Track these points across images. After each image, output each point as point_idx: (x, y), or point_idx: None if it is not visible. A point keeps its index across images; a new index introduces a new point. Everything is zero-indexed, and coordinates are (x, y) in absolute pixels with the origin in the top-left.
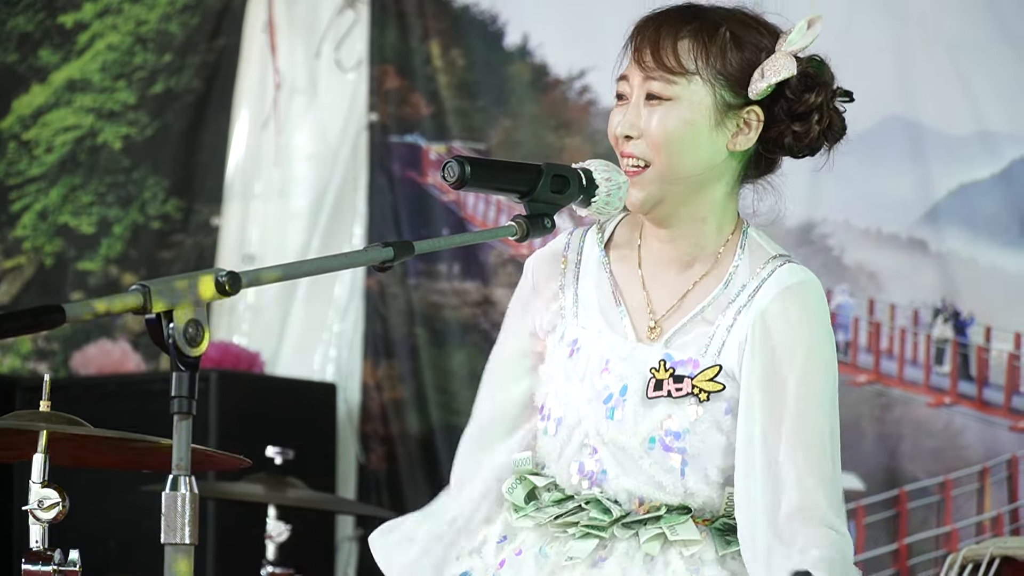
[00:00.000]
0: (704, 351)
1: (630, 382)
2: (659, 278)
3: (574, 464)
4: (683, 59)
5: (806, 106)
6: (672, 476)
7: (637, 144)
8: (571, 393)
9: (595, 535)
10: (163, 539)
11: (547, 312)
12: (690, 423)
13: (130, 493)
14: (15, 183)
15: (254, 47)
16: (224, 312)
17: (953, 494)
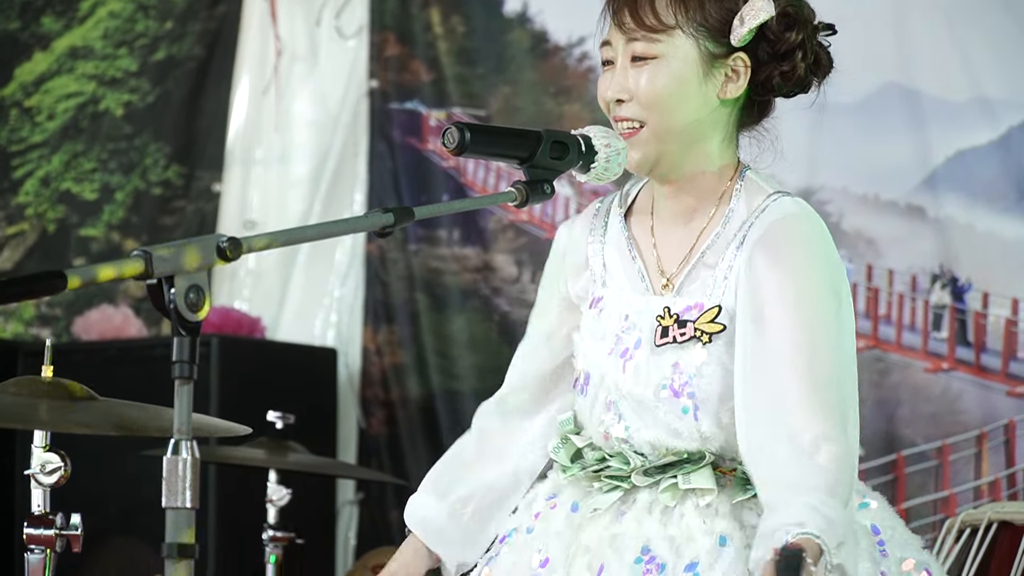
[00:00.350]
0: (708, 294)
1: (643, 334)
2: (668, 235)
3: (602, 423)
4: (662, 16)
5: (788, 45)
6: (686, 422)
7: (629, 106)
8: (595, 351)
9: (620, 487)
10: (164, 503)
11: (579, 280)
12: (696, 367)
13: (131, 457)
14: (17, 150)
15: (254, 14)
16: (225, 277)
17: (951, 459)
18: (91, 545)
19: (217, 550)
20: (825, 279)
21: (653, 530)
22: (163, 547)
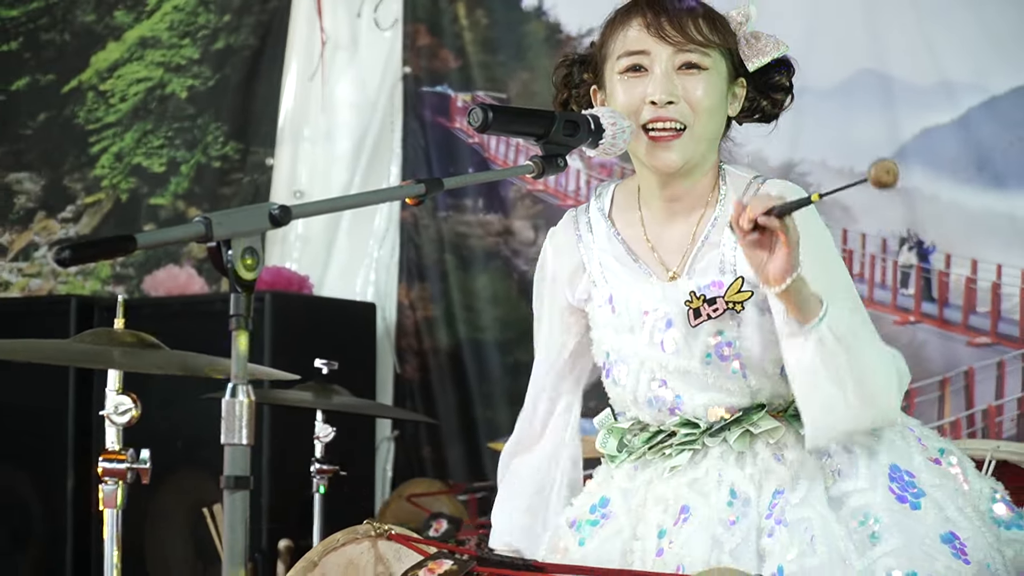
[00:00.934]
0: (721, 269)
1: (672, 316)
2: (665, 232)
3: (651, 400)
4: (707, 33)
5: (780, 84)
6: (735, 380)
7: (678, 108)
8: (624, 343)
9: (689, 448)
10: (223, 440)
11: (578, 285)
12: (736, 332)
13: (194, 399)
14: (94, 128)
15: (302, 8)
16: (277, 241)
17: (917, 401)
18: (158, 477)
19: (270, 481)
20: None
21: (734, 474)
22: (222, 479)
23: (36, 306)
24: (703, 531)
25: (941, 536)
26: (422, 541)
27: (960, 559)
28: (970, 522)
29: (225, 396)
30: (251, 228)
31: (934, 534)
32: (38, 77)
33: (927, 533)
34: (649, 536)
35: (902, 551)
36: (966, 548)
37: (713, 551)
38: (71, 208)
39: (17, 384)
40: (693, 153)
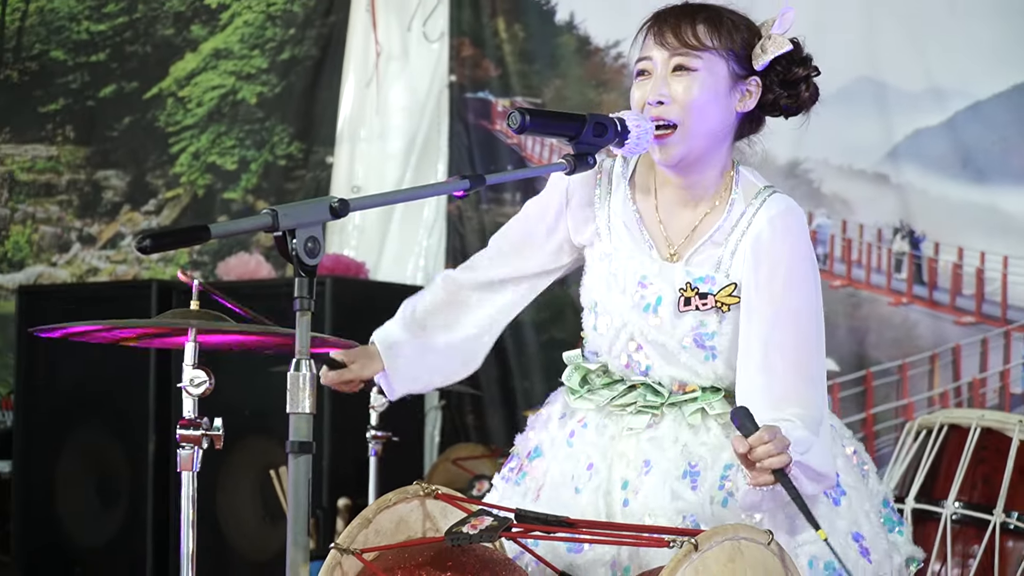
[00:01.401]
0: (717, 268)
1: (664, 294)
2: (674, 215)
3: (623, 356)
4: (702, 38)
5: (796, 77)
6: (705, 366)
7: (667, 108)
8: (614, 301)
9: (648, 412)
10: (288, 409)
11: (584, 230)
12: (716, 327)
13: (262, 372)
14: (173, 131)
15: (359, 22)
16: (336, 230)
17: (909, 374)
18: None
19: (330, 446)
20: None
21: (688, 438)
22: (287, 444)
23: (121, 290)
24: (663, 484)
25: (852, 534)
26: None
27: (865, 558)
28: (872, 526)
29: (290, 369)
30: (313, 219)
31: (846, 531)
32: (123, 85)
33: (842, 528)
34: (615, 489)
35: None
36: (868, 550)
37: (673, 502)
38: (153, 202)
39: (105, 360)
40: (689, 148)
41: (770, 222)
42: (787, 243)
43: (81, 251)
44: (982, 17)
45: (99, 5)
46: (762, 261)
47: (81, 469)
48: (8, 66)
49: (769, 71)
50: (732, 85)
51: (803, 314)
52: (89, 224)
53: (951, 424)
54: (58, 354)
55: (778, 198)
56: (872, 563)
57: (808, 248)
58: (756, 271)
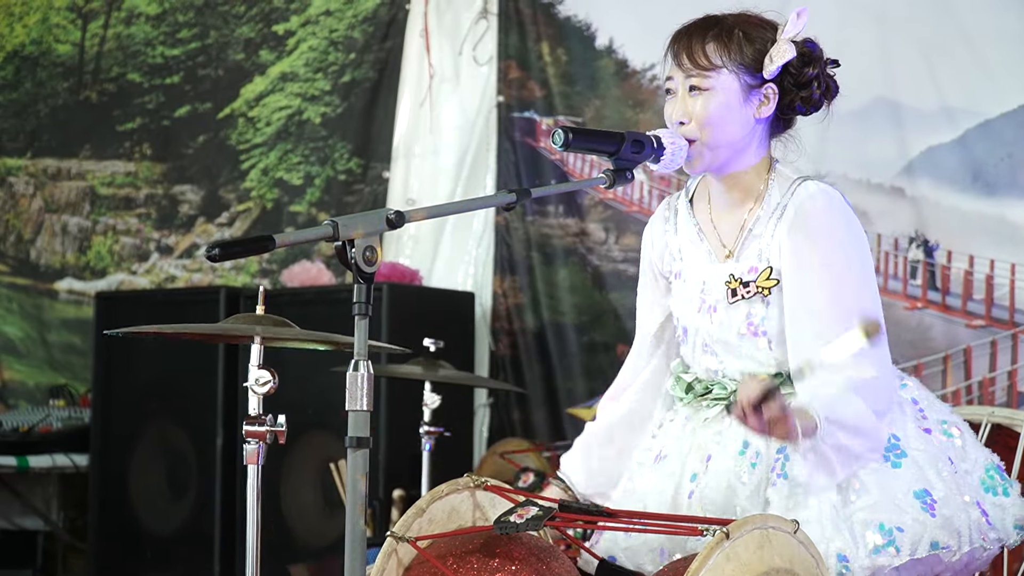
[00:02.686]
0: (759, 258)
1: (719, 294)
2: (724, 218)
3: (703, 361)
4: (711, 58)
5: (807, 77)
6: (764, 353)
7: (688, 127)
8: (687, 311)
9: (722, 403)
10: (347, 407)
11: (664, 262)
12: (765, 312)
13: (323, 372)
14: (244, 148)
15: (413, 47)
16: (393, 240)
17: (924, 374)
18: (293, 438)
19: (387, 441)
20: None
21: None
22: (346, 439)
23: (193, 295)
24: (721, 479)
25: (914, 492)
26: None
27: (928, 512)
28: (945, 484)
29: (349, 370)
30: (371, 230)
31: (907, 489)
32: (197, 106)
33: (901, 488)
34: (685, 479)
35: (875, 506)
36: (935, 504)
37: (728, 497)
38: (226, 215)
39: (179, 359)
40: (711, 159)
41: (801, 205)
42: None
43: (159, 260)
44: (991, 41)
45: (173, 31)
46: (798, 240)
47: (153, 462)
48: (87, 87)
49: (783, 75)
50: (747, 96)
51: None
52: (166, 235)
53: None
54: (133, 355)
55: (808, 183)
56: (937, 516)
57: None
58: (794, 252)
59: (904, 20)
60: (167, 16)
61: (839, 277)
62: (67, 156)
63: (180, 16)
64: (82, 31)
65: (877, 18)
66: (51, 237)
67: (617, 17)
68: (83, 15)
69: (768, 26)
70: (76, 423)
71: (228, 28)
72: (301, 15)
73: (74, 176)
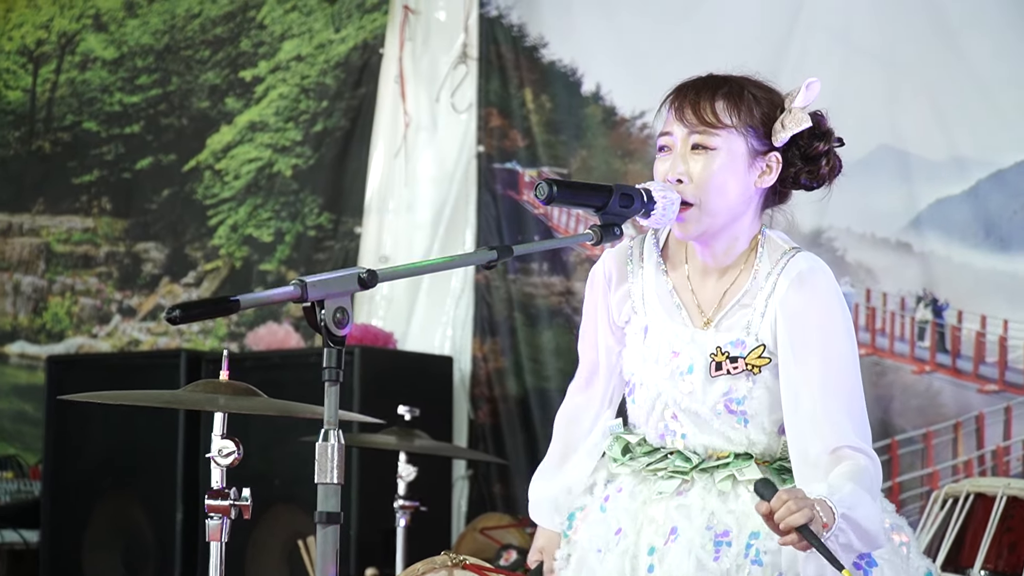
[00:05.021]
0: (747, 331)
1: (695, 361)
2: (705, 284)
3: (659, 425)
4: (720, 116)
5: (816, 152)
6: (737, 432)
7: (685, 187)
8: (648, 372)
9: (679, 477)
10: (316, 479)
11: (622, 308)
12: (747, 391)
13: (291, 442)
14: (211, 203)
15: (388, 93)
16: (365, 301)
17: (933, 443)
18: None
19: (358, 516)
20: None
21: (716, 506)
22: (315, 515)
23: (152, 360)
24: (688, 552)
25: None
26: (493, 570)
27: None
28: None
29: (318, 440)
30: (342, 290)
31: None
32: (160, 157)
33: None
34: (641, 554)
35: None
36: None
37: (698, 572)
38: (192, 274)
39: (136, 427)
40: (708, 226)
41: (794, 282)
42: (815, 297)
43: (122, 323)
44: (1003, 87)
45: (131, 77)
46: (793, 320)
47: (108, 539)
48: (40, 137)
49: (790, 146)
50: (751, 162)
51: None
52: (129, 296)
53: (977, 493)
54: (86, 423)
55: (800, 257)
56: None
57: (836, 299)
58: (790, 332)
59: (911, 63)
60: (125, 60)
61: (839, 364)
62: (19, 211)
63: (139, 60)
64: (33, 76)
65: (882, 61)
66: (2, 297)
67: (605, 62)
68: (34, 59)
69: (774, 92)
70: (25, 496)
71: (191, 74)
72: (270, 60)
73: (27, 232)
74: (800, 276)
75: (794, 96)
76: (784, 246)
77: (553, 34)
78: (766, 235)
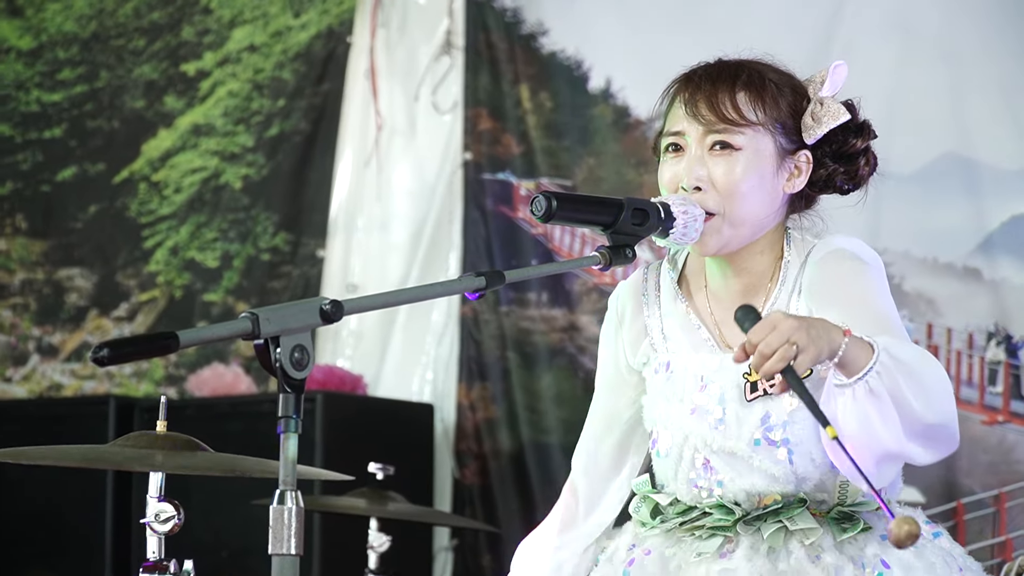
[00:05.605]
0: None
1: (726, 391)
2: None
3: (692, 476)
4: (744, 111)
5: (853, 149)
6: (782, 467)
7: (705, 196)
8: (672, 413)
9: (720, 534)
10: (271, 550)
11: (638, 348)
12: (788, 414)
13: (242, 506)
14: (147, 221)
15: (356, 91)
16: (329, 337)
17: (1007, 506)
18: None
19: None
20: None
21: (764, 567)
22: None
23: (75, 408)
24: None
25: None
26: None
27: None
28: None
29: (273, 503)
30: (301, 324)
31: None
32: (86, 167)
33: None
34: None
35: None
36: None
37: None
38: (125, 306)
39: (57, 488)
40: (730, 239)
41: (815, 266)
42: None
43: (41, 364)
44: None
45: (52, 71)
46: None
47: None
48: None
49: (821, 143)
50: (780, 163)
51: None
52: (50, 332)
53: None
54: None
55: (830, 238)
56: None
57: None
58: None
59: (980, 57)
60: (44, 51)
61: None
62: None
63: (60, 52)
64: None
65: (946, 55)
66: None
67: (616, 53)
68: None
69: (795, 79)
70: None
71: (124, 68)
72: (217, 51)
73: None
74: (821, 259)
75: (818, 84)
76: (812, 240)
77: (554, 20)
78: (791, 236)
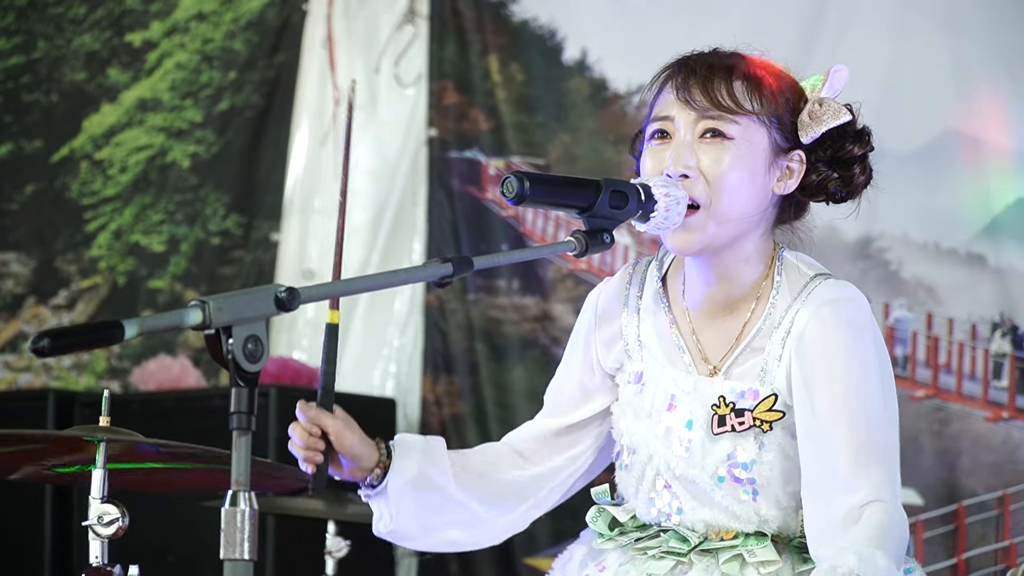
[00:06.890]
0: (761, 380)
1: (695, 416)
2: (711, 324)
3: (650, 498)
4: (739, 99)
5: (850, 155)
6: (745, 507)
7: (693, 184)
8: (640, 429)
9: (673, 558)
10: (222, 554)
11: (611, 351)
12: (756, 454)
13: (190, 508)
14: (90, 203)
15: (313, 62)
16: (284, 328)
17: (1012, 509)
18: None
19: None
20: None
21: None
22: None
23: (11, 403)
24: None
25: None
26: None
27: None
28: None
29: (224, 504)
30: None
31: None
32: (22, 144)
33: None
34: None
35: None
36: None
37: None
38: (64, 293)
39: None
40: (713, 237)
41: (815, 314)
42: (838, 330)
43: None
44: None
45: None
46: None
47: None
48: None
49: (816, 146)
50: (772, 160)
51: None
52: None
53: None
54: None
55: (828, 285)
56: None
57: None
58: (803, 378)
59: (986, 26)
60: None
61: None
62: None
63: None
64: None
65: (949, 24)
66: None
67: (593, 21)
68: None
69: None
70: None
71: (63, 37)
72: (164, 20)
73: None
74: (824, 306)
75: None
76: (808, 272)
77: None
78: (784, 259)
